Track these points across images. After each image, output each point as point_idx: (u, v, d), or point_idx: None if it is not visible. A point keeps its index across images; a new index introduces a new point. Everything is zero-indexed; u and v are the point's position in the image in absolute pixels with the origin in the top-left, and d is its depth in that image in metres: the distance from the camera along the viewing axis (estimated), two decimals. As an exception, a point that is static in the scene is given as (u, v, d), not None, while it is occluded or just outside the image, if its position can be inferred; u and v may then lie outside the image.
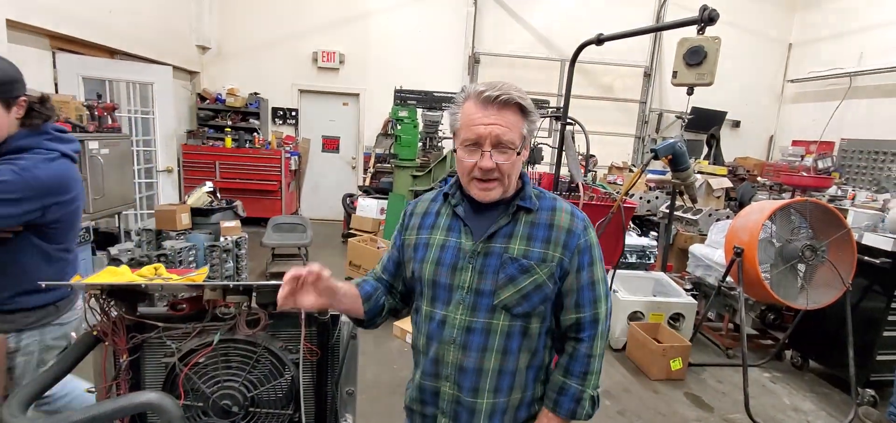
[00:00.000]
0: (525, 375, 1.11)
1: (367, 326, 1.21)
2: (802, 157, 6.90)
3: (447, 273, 1.09)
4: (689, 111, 7.06)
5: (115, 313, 1.26)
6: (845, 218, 3.10)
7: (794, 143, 7.37)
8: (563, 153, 2.39)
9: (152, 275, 1.24)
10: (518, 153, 1.04)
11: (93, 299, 1.23)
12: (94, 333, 1.27)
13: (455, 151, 1.07)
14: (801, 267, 3.10)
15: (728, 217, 4.87)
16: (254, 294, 1.28)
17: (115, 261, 3.50)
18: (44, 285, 1.24)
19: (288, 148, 6.94)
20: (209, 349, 1.26)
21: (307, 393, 1.39)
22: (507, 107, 1.01)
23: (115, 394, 1.31)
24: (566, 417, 1.12)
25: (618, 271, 3.64)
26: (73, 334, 1.65)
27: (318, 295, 1.00)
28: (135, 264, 3.34)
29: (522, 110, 1.04)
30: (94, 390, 1.34)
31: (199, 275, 1.26)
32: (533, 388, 1.14)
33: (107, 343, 1.28)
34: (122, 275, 1.22)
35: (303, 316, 1.29)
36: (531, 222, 1.09)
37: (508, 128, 1.01)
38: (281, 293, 0.97)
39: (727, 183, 6.04)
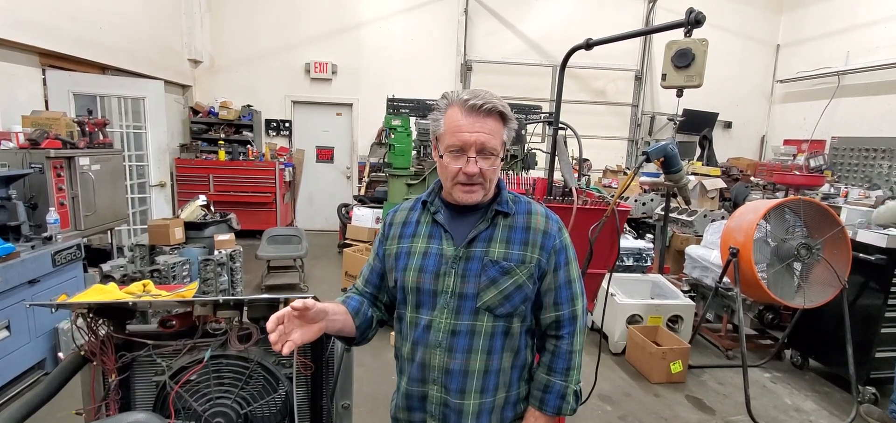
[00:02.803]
0: (509, 374, 1.14)
1: (359, 342, 1.20)
2: (794, 156, 6.96)
3: (431, 279, 1.11)
4: (680, 113, 7.14)
5: (104, 331, 1.23)
6: (839, 216, 3.12)
7: (786, 142, 7.44)
8: (556, 158, 2.38)
9: (141, 292, 1.21)
10: (503, 159, 1.10)
11: (80, 319, 1.20)
12: (82, 353, 1.24)
13: (441, 157, 1.09)
14: (797, 266, 3.10)
15: (723, 218, 4.89)
16: (245, 309, 1.26)
17: (107, 278, 3.46)
18: (29, 305, 1.21)
19: (282, 159, 6.92)
20: (200, 366, 1.24)
21: (302, 408, 1.37)
22: (490, 115, 1.05)
23: (103, 415, 1.28)
24: (552, 413, 1.15)
25: (614, 274, 3.63)
26: (61, 354, 1.62)
27: (308, 324, 0.99)
28: (127, 280, 3.30)
29: (503, 118, 1.08)
30: (82, 412, 1.31)
31: (188, 290, 1.23)
32: (517, 387, 1.17)
33: (95, 363, 1.25)
34: (109, 293, 1.19)
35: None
36: (509, 226, 1.13)
37: (491, 135, 1.05)
38: (274, 341, 0.94)
39: (721, 184, 6.06)
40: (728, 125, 7.90)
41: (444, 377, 1.11)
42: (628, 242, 4.60)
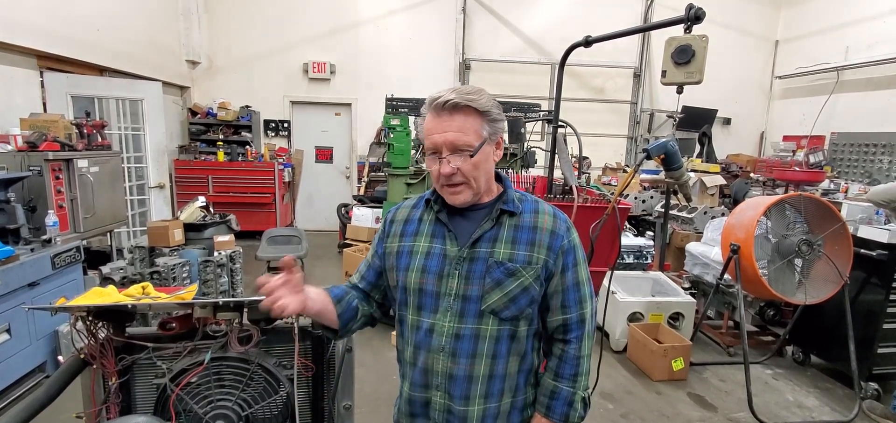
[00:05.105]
0: (516, 379, 1.11)
1: (342, 333, 1.16)
2: (794, 152, 6.96)
3: (433, 281, 1.08)
4: (679, 110, 7.13)
5: (103, 334, 1.23)
6: (839, 211, 3.11)
7: (786, 138, 7.43)
8: (556, 156, 2.38)
9: (140, 294, 1.20)
10: (472, 155, 1.02)
11: (79, 322, 1.20)
12: (82, 356, 1.23)
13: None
14: (798, 262, 3.10)
15: (723, 214, 4.89)
16: (245, 310, 1.25)
17: (106, 280, 3.45)
18: (27, 309, 1.21)
19: (281, 160, 6.91)
20: (201, 368, 1.23)
21: (303, 410, 1.36)
22: (457, 110, 1.01)
23: (104, 418, 1.27)
24: (559, 421, 1.12)
25: (615, 272, 3.63)
26: (61, 357, 1.61)
27: (294, 290, 1.00)
28: (127, 282, 3.29)
29: (477, 111, 1.02)
30: (83, 415, 1.30)
31: (188, 292, 1.22)
32: (524, 392, 1.13)
33: (95, 366, 1.24)
34: (108, 295, 1.19)
35: (296, 330, 1.26)
36: (515, 226, 1.09)
37: (462, 131, 1.01)
38: (264, 305, 0.97)
39: (721, 180, 6.06)
40: (727, 122, 7.90)
41: (447, 382, 1.07)
42: (629, 239, 4.60)
